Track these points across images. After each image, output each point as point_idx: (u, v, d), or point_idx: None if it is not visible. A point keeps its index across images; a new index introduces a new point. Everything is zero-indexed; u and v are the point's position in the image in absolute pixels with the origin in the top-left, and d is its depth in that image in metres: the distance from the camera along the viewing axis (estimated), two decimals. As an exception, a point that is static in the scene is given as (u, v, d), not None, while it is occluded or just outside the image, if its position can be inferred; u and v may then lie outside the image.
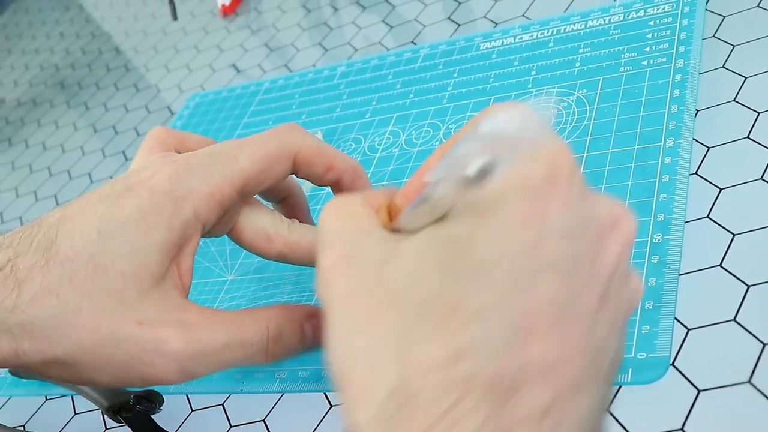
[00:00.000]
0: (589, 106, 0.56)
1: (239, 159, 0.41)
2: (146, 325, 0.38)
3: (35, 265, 0.38)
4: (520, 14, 0.68)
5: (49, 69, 1.09)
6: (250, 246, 0.43)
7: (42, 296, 0.38)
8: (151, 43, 0.99)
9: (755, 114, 0.50)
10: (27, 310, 0.38)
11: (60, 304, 0.38)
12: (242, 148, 0.42)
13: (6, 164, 0.94)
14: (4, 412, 0.61)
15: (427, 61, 0.68)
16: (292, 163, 0.43)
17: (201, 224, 0.40)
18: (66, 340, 0.38)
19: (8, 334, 0.38)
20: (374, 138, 0.63)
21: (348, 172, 0.44)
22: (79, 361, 0.39)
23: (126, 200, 0.39)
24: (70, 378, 0.40)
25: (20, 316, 0.38)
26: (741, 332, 0.41)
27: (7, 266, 0.38)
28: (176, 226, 0.39)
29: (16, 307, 0.38)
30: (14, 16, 1.32)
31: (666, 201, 0.47)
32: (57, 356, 0.38)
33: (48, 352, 0.38)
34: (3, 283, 0.38)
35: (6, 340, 0.38)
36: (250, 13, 0.92)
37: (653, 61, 0.56)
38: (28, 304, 0.38)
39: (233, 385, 0.52)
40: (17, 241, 0.39)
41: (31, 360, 0.39)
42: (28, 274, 0.38)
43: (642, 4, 0.61)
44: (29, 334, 0.38)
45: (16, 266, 0.38)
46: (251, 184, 0.42)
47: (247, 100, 0.76)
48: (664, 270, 0.44)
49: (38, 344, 0.38)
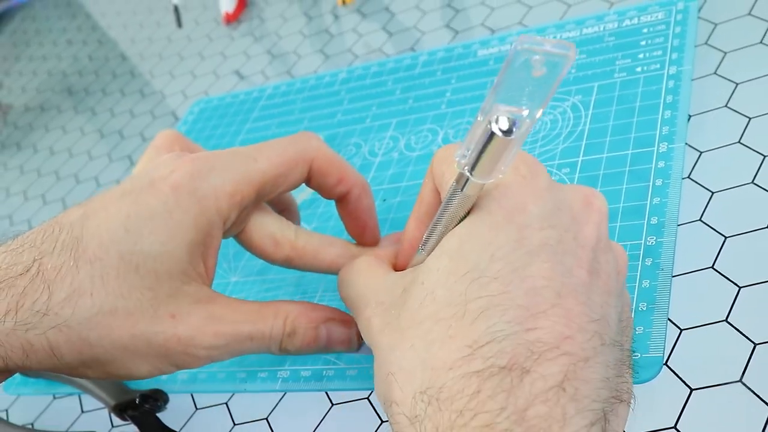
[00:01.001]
0: (584, 111, 0.56)
1: (258, 161, 0.41)
2: (179, 319, 0.39)
3: (63, 265, 0.37)
4: (517, 21, 0.68)
5: (56, 75, 1.09)
6: (258, 249, 0.43)
7: (75, 298, 0.37)
8: (157, 50, 0.99)
9: (746, 119, 0.50)
10: (60, 312, 0.37)
11: (94, 305, 0.37)
12: (262, 150, 0.42)
13: (14, 168, 0.94)
14: (13, 411, 0.61)
15: (425, 68, 0.68)
16: (308, 170, 0.43)
17: (223, 223, 0.40)
18: (104, 340, 0.38)
19: (43, 337, 0.37)
20: (374, 143, 0.64)
21: (357, 186, 0.44)
22: (117, 358, 0.38)
23: (150, 197, 0.39)
24: (109, 374, 0.40)
25: (54, 320, 0.37)
26: (733, 333, 0.41)
27: (34, 267, 0.37)
28: (202, 225, 0.39)
29: (49, 309, 0.37)
30: (22, 23, 1.32)
31: (659, 204, 0.47)
32: (96, 356, 0.38)
33: (87, 354, 0.38)
34: (31, 284, 0.37)
35: (41, 344, 0.37)
36: (253, 21, 0.92)
37: (647, 68, 0.56)
38: (61, 306, 0.37)
39: (237, 384, 0.52)
40: (40, 240, 0.38)
41: (68, 362, 0.38)
42: (57, 275, 0.37)
43: (636, 12, 0.61)
44: (65, 336, 0.37)
45: (43, 267, 0.37)
46: (268, 186, 0.42)
47: (250, 105, 0.76)
48: (658, 272, 0.44)
49: (76, 346, 0.37)
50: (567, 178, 0.52)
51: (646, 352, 0.41)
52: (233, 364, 0.53)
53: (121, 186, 0.40)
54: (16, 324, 0.37)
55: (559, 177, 0.52)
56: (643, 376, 0.41)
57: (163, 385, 0.55)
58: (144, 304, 0.38)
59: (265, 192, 0.42)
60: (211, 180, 0.40)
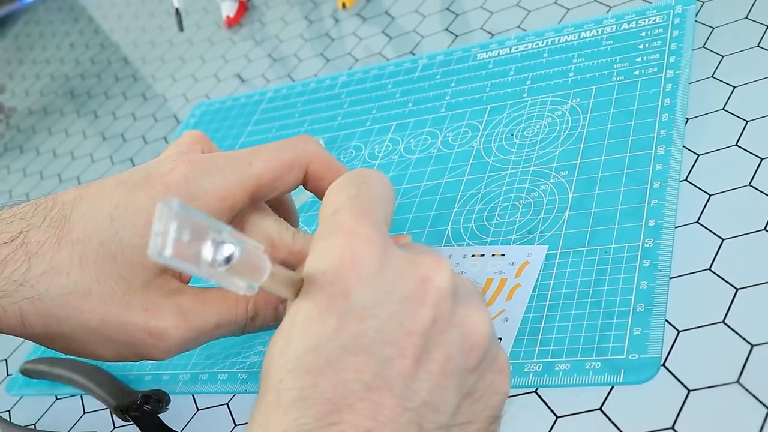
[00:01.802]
0: (583, 114, 0.56)
1: (253, 165, 0.41)
2: (151, 313, 0.39)
3: (47, 241, 0.39)
4: (516, 25, 0.68)
5: (59, 79, 1.09)
6: None
7: (52, 274, 0.38)
8: (159, 54, 0.99)
9: (743, 122, 0.50)
10: (36, 285, 0.38)
11: (69, 285, 0.38)
12: (258, 154, 0.42)
13: (18, 171, 0.94)
14: (16, 411, 0.61)
15: (425, 71, 0.68)
16: (304, 173, 0.43)
17: None
18: (72, 320, 0.39)
19: (16, 306, 0.38)
20: (374, 145, 0.63)
21: None
22: (84, 338, 0.39)
23: (141, 192, 0.40)
24: (73, 351, 0.41)
25: (29, 291, 0.38)
26: (730, 334, 0.41)
27: (19, 238, 0.39)
28: None
29: (25, 281, 0.38)
30: (25, 27, 1.32)
31: (657, 207, 0.47)
32: (63, 332, 0.39)
33: (54, 328, 0.39)
34: (13, 254, 0.38)
35: (13, 311, 0.38)
36: (254, 25, 0.92)
37: (644, 71, 0.56)
38: (37, 280, 0.38)
39: (238, 385, 0.52)
40: (30, 213, 0.40)
41: (36, 333, 0.39)
42: (39, 249, 0.38)
43: (634, 16, 0.61)
44: (37, 309, 0.38)
45: (27, 239, 0.39)
46: (263, 190, 0.42)
47: (251, 108, 0.76)
48: (655, 274, 0.44)
49: (45, 320, 0.39)
50: (565, 181, 0.52)
51: (644, 353, 0.41)
52: (235, 365, 0.53)
53: (120, 175, 0.41)
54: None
55: (558, 180, 0.52)
56: (641, 377, 0.41)
57: (164, 386, 0.55)
58: (117, 293, 0.39)
59: (260, 195, 0.42)
60: (203, 183, 0.40)
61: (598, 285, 0.45)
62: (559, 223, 0.50)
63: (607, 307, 0.44)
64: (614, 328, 0.43)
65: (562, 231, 0.49)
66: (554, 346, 0.44)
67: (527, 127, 0.57)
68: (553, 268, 0.48)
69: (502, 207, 0.53)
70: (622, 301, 0.44)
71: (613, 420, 0.40)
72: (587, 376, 0.42)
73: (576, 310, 0.45)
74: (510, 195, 0.53)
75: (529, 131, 0.57)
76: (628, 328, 0.43)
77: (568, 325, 0.44)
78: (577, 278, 0.46)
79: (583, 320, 0.44)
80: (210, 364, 0.54)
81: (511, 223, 0.52)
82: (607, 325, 0.43)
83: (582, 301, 0.45)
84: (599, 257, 0.47)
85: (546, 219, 0.51)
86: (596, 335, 0.43)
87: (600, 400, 0.41)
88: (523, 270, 0.48)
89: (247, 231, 0.43)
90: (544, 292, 0.47)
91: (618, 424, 0.40)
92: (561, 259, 0.48)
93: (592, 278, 0.46)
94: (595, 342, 0.43)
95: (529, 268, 0.48)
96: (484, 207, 0.53)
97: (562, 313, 0.45)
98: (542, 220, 0.51)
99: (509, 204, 0.53)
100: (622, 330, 0.43)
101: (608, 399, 0.41)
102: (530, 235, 0.50)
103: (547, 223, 0.50)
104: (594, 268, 0.46)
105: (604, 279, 0.45)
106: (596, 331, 0.43)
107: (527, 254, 0.49)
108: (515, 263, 0.49)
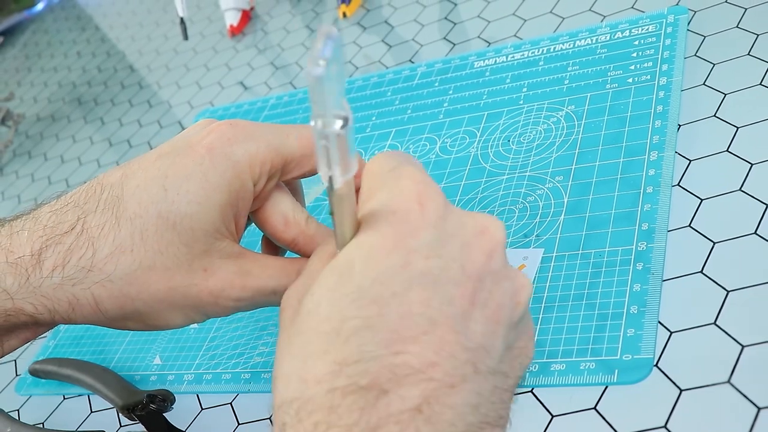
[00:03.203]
0: (577, 121, 0.56)
1: (290, 137, 0.41)
2: (210, 273, 0.40)
3: (106, 223, 0.39)
4: (512, 34, 0.68)
5: (66, 86, 1.09)
6: (269, 226, 0.43)
7: (117, 254, 0.38)
8: (163, 62, 1.00)
9: (734, 128, 0.50)
10: (104, 268, 0.38)
11: (135, 261, 0.38)
12: (296, 128, 0.42)
13: (26, 176, 0.94)
14: (25, 411, 0.61)
15: (424, 79, 0.68)
16: None
17: (254, 188, 0.41)
18: (143, 294, 0.39)
19: (87, 292, 0.38)
20: (374, 151, 0.64)
21: None
22: (156, 310, 0.40)
23: (187, 158, 0.40)
24: (147, 326, 0.41)
25: (98, 275, 0.38)
26: (721, 335, 0.41)
27: (78, 225, 0.39)
28: (235, 187, 0.40)
29: (93, 265, 0.38)
30: (34, 36, 1.32)
31: (650, 211, 0.47)
32: (136, 309, 0.39)
33: (128, 307, 0.39)
34: (77, 242, 0.38)
35: (86, 298, 0.39)
36: (256, 33, 0.93)
37: (638, 79, 0.56)
38: (104, 262, 0.38)
39: (241, 384, 0.52)
40: (83, 200, 0.40)
41: (111, 316, 0.40)
42: (101, 233, 0.38)
43: (627, 25, 0.61)
44: (108, 291, 0.39)
45: (87, 225, 0.39)
46: (293, 164, 0.42)
47: (254, 115, 0.76)
48: (648, 276, 0.44)
49: (118, 301, 0.39)
50: (560, 186, 0.52)
51: (637, 354, 0.41)
52: (238, 365, 0.53)
53: (157, 149, 0.41)
54: (63, 279, 0.38)
55: (553, 184, 0.52)
56: (634, 377, 0.41)
57: (169, 386, 0.55)
58: (180, 259, 0.39)
59: (289, 169, 0.42)
60: (247, 146, 0.40)
61: (592, 287, 0.45)
62: (554, 226, 0.50)
63: (602, 308, 0.44)
64: (608, 329, 0.43)
65: (557, 234, 0.49)
66: (550, 347, 0.44)
67: (523, 133, 0.57)
68: (548, 271, 0.48)
69: (499, 211, 0.53)
70: (616, 303, 0.44)
71: (607, 419, 0.40)
72: (582, 376, 0.42)
73: (571, 311, 0.45)
74: (507, 199, 0.53)
75: (525, 137, 0.57)
76: (621, 329, 0.43)
77: (563, 327, 0.45)
78: (572, 281, 0.46)
79: (578, 322, 0.44)
80: (214, 364, 0.54)
81: (508, 227, 0.52)
82: (602, 327, 0.43)
83: (577, 303, 0.45)
84: (594, 260, 0.47)
85: (542, 223, 0.51)
86: (591, 336, 0.43)
87: (594, 399, 0.41)
88: (520, 273, 0.48)
89: (265, 204, 0.43)
90: (540, 295, 0.47)
91: (612, 423, 0.40)
92: (556, 262, 0.48)
93: (586, 281, 0.46)
94: (589, 343, 0.43)
95: (525, 271, 0.48)
96: (481, 211, 0.53)
97: (558, 315, 0.45)
98: (538, 224, 0.51)
99: (506, 208, 0.53)
100: (616, 331, 0.43)
101: (602, 398, 0.41)
102: (526, 238, 0.50)
103: (543, 226, 0.50)
104: (589, 271, 0.46)
105: (599, 281, 0.46)
106: (591, 333, 0.44)
107: (523, 257, 0.49)
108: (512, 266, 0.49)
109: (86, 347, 0.62)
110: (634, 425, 0.39)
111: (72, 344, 0.64)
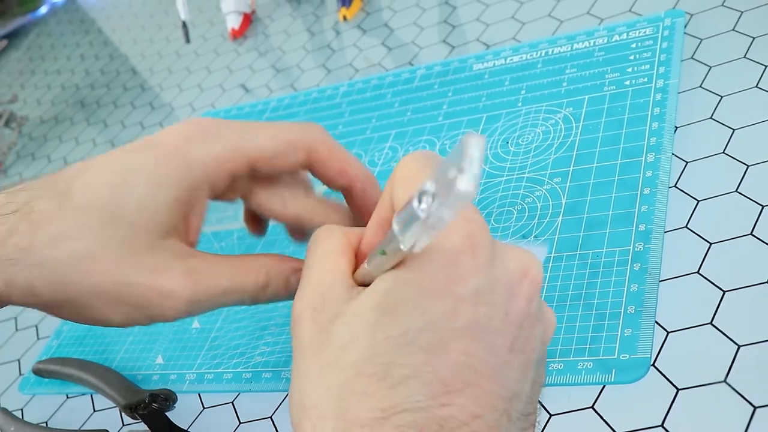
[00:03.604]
0: (575, 123, 0.56)
1: (259, 136, 0.41)
2: (159, 272, 0.39)
3: (52, 210, 0.38)
4: (511, 37, 0.68)
5: (69, 88, 1.09)
6: (266, 208, 0.43)
7: (58, 240, 0.37)
8: (166, 65, 1.00)
9: (730, 131, 0.50)
10: (43, 252, 0.37)
11: (75, 250, 0.37)
12: (265, 128, 0.41)
13: (29, 178, 0.94)
14: (28, 410, 0.61)
15: (423, 81, 0.68)
16: (306, 156, 0.42)
17: (210, 187, 0.40)
18: (80, 284, 0.38)
19: (22, 274, 0.38)
20: (374, 153, 0.64)
21: (360, 180, 0.43)
22: (92, 303, 0.39)
23: (141, 155, 0.39)
24: (83, 318, 0.40)
25: (35, 258, 0.37)
26: (717, 335, 0.41)
27: (25, 207, 0.38)
28: (187, 185, 0.39)
29: (32, 248, 0.37)
30: (37, 38, 1.32)
31: (647, 212, 0.47)
32: (70, 297, 0.38)
33: (61, 294, 0.38)
34: (19, 223, 0.38)
35: (21, 280, 0.38)
36: (258, 37, 0.93)
37: (635, 81, 0.56)
38: (43, 247, 0.37)
39: (242, 384, 0.52)
40: (38, 186, 0.39)
41: (44, 301, 0.39)
42: (44, 217, 0.38)
43: (625, 28, 0.61)
44: (44, 275, 0.38)
45: (32, 208, 0.38)
46: (262, 163, 0.41)
47: (255, 118, 0.77)
48: (645, 277, 0.44)
49: (52, 286, 0.38)
50: (558, 187, 0.52)
51: (634, 354, 0.42)
52: (239, 365, 0.53)
53: (125, 146, 0.41)
54: (0, 258, 0.37)
55: (551, 186, 0.52)
56: (631, 377, 0.41)
57: (171, 385, 0.55)
58: (122, 255, 0.38)
59: (260, 167, 0.41)
60: (207, 145, 0.40)
61: (590, 288, 0.46)
62: (552, 228, 0.50)
63: (599, 309, 0.44)
64: (606, 329, 0.43)
65: (555, 235, 0.49)
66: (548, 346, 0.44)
67: (522, 135, 0.58)
68: (546, 272, 0.48)
69: (498, 212, 0.53)
70: (613, 303, 0.44)
71: (604, 418, 0.40)
72: (580, 376, 0.42)
73: (569, 311, 0.45)
74: (505, 201, 0.53)
75: (523, 139, 0.57)
76: (619, 329, 0.43)
77: (561, 327, 0.45)
78: (570, 281, 0.47)
79: (576, 322, 0.44)
80: (215, 364, 0.54)
81: (507, 228, 0.52)
82: (599, 327, 0.44)
83: (575, 303, 0.45)
84: (591, 261, 0.47)
85: (540, 224, 0.51)
86: (588, 336, 0.44)
87: (592, 398, 0.41)
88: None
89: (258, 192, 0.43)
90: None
91: (609, 422, 0.40)
92: (554, 262, 0.48)
93: (584, 281, 0.46)
94: (587, 343, 0.43)
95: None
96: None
97: (556, 315, 0.45)
98: (536, 225, 0.51)
99: (504, 209, 0.53)
100: (614, 331, 0.43)
101: (600, 398, 0.41)
102: (525, 239, 0.50)
103: (541, 227, 0.50)
104: (586, 272, 0.46)
105: (596, 282, 0.46)
106: (588, 332, 0.44)
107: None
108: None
109: (89, 347, 0.63)
110: (632, 424, 0.40)
111: (75, 344, 0.64)
